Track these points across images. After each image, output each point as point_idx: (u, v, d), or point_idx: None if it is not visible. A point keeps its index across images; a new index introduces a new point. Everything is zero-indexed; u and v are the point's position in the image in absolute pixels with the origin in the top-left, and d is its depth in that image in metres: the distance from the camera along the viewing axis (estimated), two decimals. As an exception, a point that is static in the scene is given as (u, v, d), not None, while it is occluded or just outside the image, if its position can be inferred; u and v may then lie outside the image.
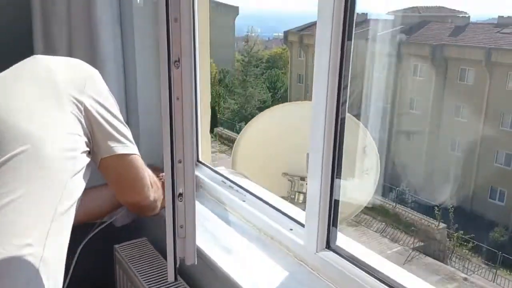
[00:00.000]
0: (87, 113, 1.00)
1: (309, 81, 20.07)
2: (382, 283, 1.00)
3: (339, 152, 1.09)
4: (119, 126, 1.07)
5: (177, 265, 1.05)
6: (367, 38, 12.78)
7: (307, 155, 1.15)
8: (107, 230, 1.42)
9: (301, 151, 1.41)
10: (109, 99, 1.07)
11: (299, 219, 1.28)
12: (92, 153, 1.03)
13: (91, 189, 1.09)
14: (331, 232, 1.15)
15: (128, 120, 1.67)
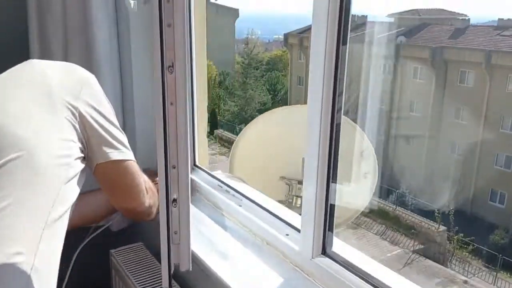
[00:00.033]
0: (81, 118, 0.99)
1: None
2: (377, 290, 0.99)
3: (334, 156, 1.09)
4: (115, 132, 1.06)
5: (171, 271, 1.04)
6: (367, 40, 12.79)
7: (303, 159, 1.14)
8: (103, 235, 1.41)
9: (298, 155, 1.40)
10: (104, 105, 1.06)
11: (295, 224, 1.27)
12: (87, 158, 1.03)
13: (86, 193, 1.08)
14: (327, 237, 1.15)
15: (124, 124, 1.67)
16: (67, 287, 1.18)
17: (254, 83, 26.46)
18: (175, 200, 1.02)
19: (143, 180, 1.16)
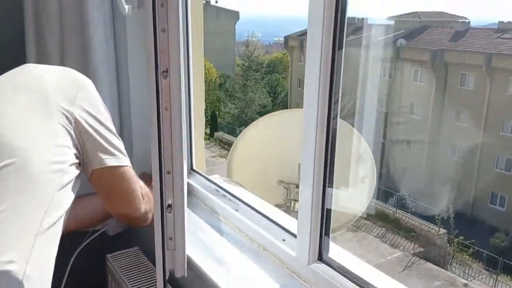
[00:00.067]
0: (77, 124, 0.98)
1: (309, 86, 20.02)
2: (374, 297, 0.98)
3: (331, 161, 1.08)
4: (111, 138, 1.05)
5: (166, 277, 1.04)
6: (367, 43, 12.79)
7: (299, 165, 1.14)
8: (99, 239, 1.40)
9: (296, 159, 1.40)
10: (101, 110, 1.05)
11: (292, 229, 1.26)
12: (82, 164, 1.02)
13: (82, 196, 1.08)
14: (323, 243, 1.14)
15: (121, 127, 1.66)
16: (63, 292, 1.17)
17: (255, 85, 26.47)
18: (170, 206, 1.01)
19: (139, 186, 1.15)
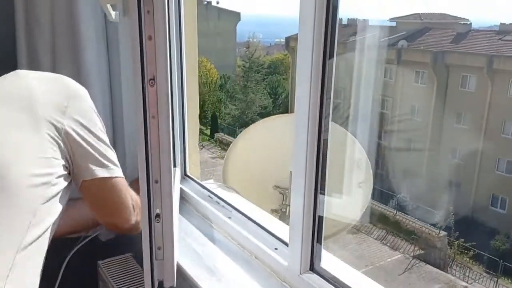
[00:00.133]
0: (66, 135, 0.96)
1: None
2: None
3: (322, 167, 1.06)
4: (102, 148, 1.03)
5: (154, 287, 1.02)
6: (367, 44, 12.77)
7: (290, 173, 1.12)
8: (91, 245, 1.39)
9: (291, 164, 1.38)
10: (93, 120, 1.02)
11: (285, 237, 1.24)
12: (72, 174, 1.00)
13: (76, 200, 1.06)
14: (315, 252, 1.12)
15: (114, 134, 1.64)
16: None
17: (255, 86, 26.44)
18: (158, 215, 0.99)
19: (130, 197, 1.12)
